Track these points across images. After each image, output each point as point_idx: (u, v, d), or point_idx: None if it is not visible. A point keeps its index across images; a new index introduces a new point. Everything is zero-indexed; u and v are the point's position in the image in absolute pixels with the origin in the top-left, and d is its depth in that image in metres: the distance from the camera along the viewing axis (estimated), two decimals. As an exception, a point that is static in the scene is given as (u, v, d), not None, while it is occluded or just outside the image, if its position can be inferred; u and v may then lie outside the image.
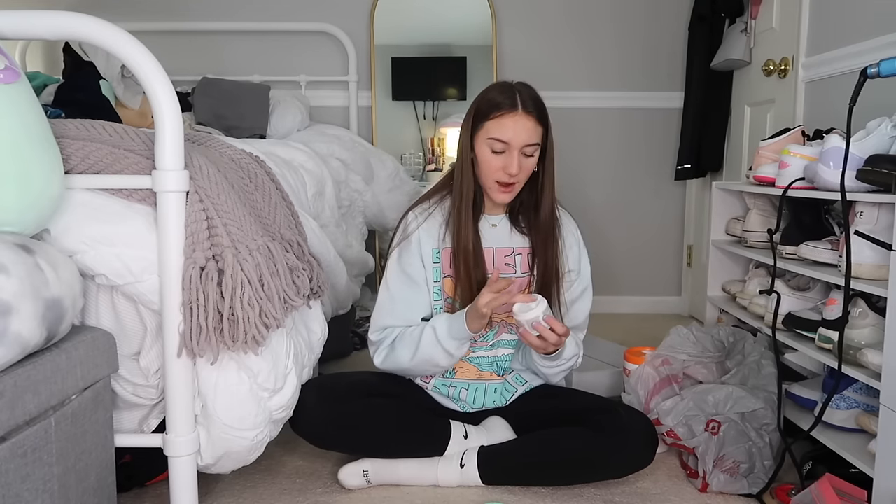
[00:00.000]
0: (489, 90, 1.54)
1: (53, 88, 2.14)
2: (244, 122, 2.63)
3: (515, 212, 1.62)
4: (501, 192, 1.53)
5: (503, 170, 1.49)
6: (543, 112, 1.52)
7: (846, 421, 1.46)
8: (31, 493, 0.97)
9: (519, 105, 1.48)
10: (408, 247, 1.60)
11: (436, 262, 1.59)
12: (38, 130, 1.05)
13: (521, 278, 1.60)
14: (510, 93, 1.50)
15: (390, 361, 1.57)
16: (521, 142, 1.48)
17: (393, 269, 1.61)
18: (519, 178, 1.52)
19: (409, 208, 1.66)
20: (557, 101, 3.02)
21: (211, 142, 1.43)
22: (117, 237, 1.14)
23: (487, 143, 1.50)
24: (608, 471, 1.51)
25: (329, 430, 1.51)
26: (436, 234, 1.59)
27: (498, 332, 1.62)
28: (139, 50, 1.11)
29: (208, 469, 1.29)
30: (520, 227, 1.62)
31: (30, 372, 0.96)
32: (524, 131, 1.48)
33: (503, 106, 1.48)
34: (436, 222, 1.60)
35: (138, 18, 2.98)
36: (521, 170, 1.50)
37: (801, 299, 1.67)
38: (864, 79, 1.33)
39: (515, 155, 1.48)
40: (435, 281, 1.59)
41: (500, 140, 1.48)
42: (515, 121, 1.47)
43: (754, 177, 1.83)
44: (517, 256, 1.61)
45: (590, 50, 3.10)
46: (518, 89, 1.51)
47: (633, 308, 3.23)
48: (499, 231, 1.61)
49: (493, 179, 1.52)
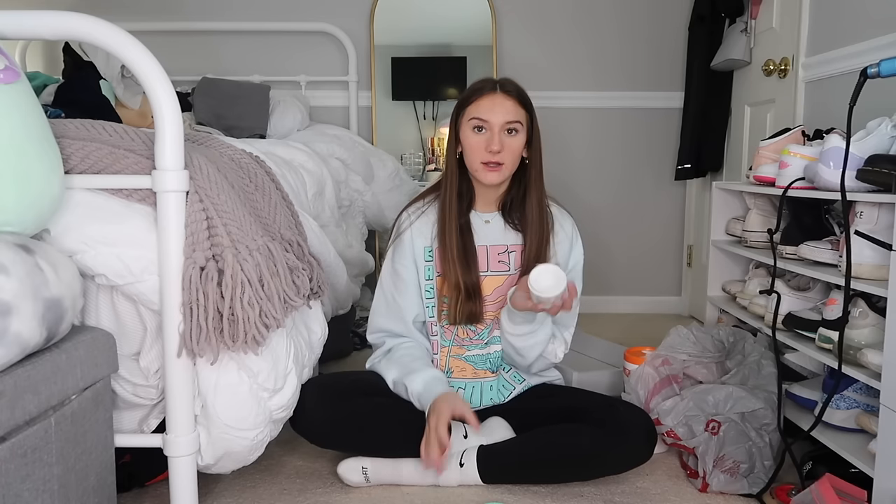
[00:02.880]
0: (473, 83, 1.60)
1: (53, 88, 2.14)
2: (244, 122, 2.63)
3: (508, 208, 1.63)
4: (488, 171, 1.55)
5: (486, 148, 1.52)
6: (524, 96, 1.57)
7: (846, 421, 1.46)
8: (31, 493, 0.97)
9: (497, 87, 1.54)
10: (400, 246, 1.62)
11: (428, 260, 1.60)
12: (38, 130, 1.05)
13: (514, 275, 1.61)
14: (490, 79, 1.57)
15: (379, 370, 1.61)
16: (500, 119, 1.52)
17: (386, 269, 1.64)
18: (504, 159, 1.53)
19: (404, 208, 1.67)
20: (557, 101, 3.05)
21: (211, 142, 1.43)
22: (117, 237, 1.14)
23: (469, 124, 1.54)
24: (607, 466, 1.51)
25: (329, 430, 1.51)
26: (428, 232, 1.60)
27: (492, 329, 1.62)
28: (139, 50, 1.11)
29: (208, 469, 1.29)
30: (513, 224, 1.63)
31: (30, 372, 0.96)
32: (502, 109, 1.52)
33: (483, 89, 1.55)
34: (428, 220, 1.61)
35: (138, 18, 2.98)
36: (505, 148, 1.52)
37: (801, 299, 1.67)
38: (864, 79, 1.33)
39: (496, 132, 1.52)
40: (427, 279, 1.60)
41: (480, 118, 1.53)
42: (493, 100, 1.53)
43: (754, 177, 1.83)
44: (511, 254, 1.61)
45: (590, 50, 3.10)
46: (499, 78, 1.57)
47: (633, 308, 3.23)
48: (492, 228, 1.62)
49: (478, 161, 1.54)
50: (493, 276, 1.61)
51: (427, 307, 1.61)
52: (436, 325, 1.62)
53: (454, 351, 1.64)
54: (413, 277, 1.60)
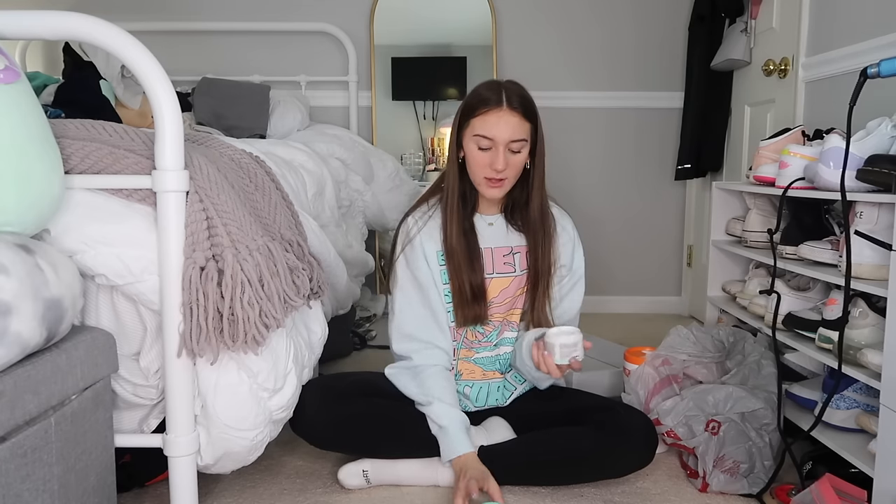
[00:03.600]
0: (477, 87, 1.55)
1: (53, 88, 2.14)
2: (244, 122, 2.63)
3: (510, 210, 1.63)
4: (490, 186, 1.54)
5: (490, 166, 1.50)
6: (530, 108, 1.52)
7: (846, 421, 1.46)
8: (31, 493, 0.97)
9: (504, 101, 1.48)
10: (412, 251, 1.60)
11: (441, 264, 1.59)
12: (38, 130, 1.05)
13: (520, 276, 1.60)
14: (496, 90, 1.50)
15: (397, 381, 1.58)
16: (505, 138, 1.48)
17: (404, 275, 1.60)
18: (507, 174, 1.52)
19: (406, 213, 1.66)
20: (557, 101, 3.05)
21: (211, 142, 1.43)
22: (117, 237, 1.14)
23: (474, 139, 1.51)
24: (608, 470, 1.51)
25: (329, 431, 1.51)
26: (437, 235, 1.59)
27: (501, 330, 1.62)
28: (139, 50, 1.11)
29: (208, 469, 1.29)
30: (516, 226, 1.62)
31: (30, 372, 0.96)
32: (508, 128, 1.48)
33: (489, 102, 1.49)
34: (436, 224, 1.60)
35: (138, 18, 2.98)
36: (509, 165, 1.51)
37: (801, 299, 1.67)
38: (864, 79, 1.33)
39: (501, 151, 1.48)
40: (444, 283, 1.59)
41: (486, 136, 1.49)
42: (500, 117, 1.48)
43: (754, 177, 1.83)
44: (516, 255, 1.61)
45: (590, 50, 3.10)
46: (505, 87, 1.51)
47: (633, 308, 3.23)
48: (495, 230, 1.62)
49: (481, 175, 1.53)
50: (499, 277, 1.60)
51: (448, 311, 1.60)
52: (454, 330, 1.62)
53: (462, 353, 1.63)
54: (430, 279, 1.59)
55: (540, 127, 1.55)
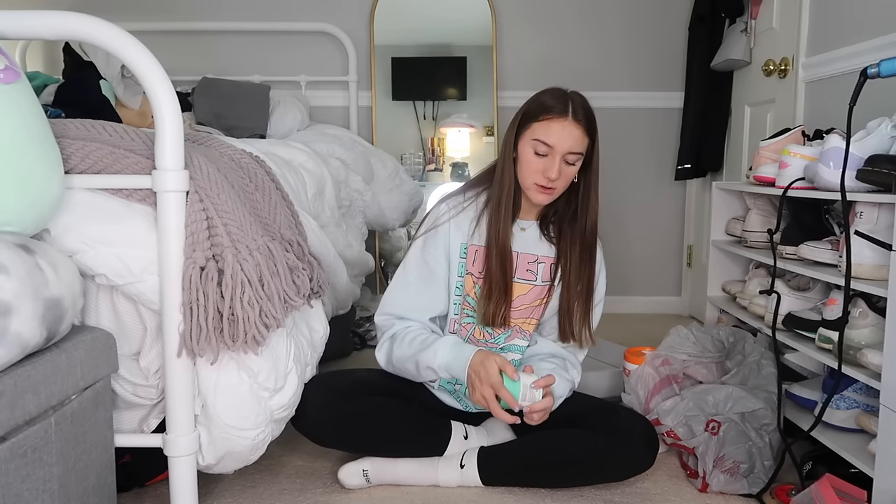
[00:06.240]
0: (542, 93, 1.52)
1: (53, 88, 2.14)
2: (244, 122, 2.63)
3: (547, 219, 1.61)
4: (539, 192, 1.51)
5: (543, 173, 1.48)
6: (593, 123, 1.50)
7: (846, 421, 1.46)
8: (31, 493, 0.97)
9: (570, 112, 1.46)
10: (434, 237, 1.58)
11: (462, 257, 1.57)
12: (38, 130, 1.05)
13: (539, 287, 1.59)
14: (563, 98, 1.49)
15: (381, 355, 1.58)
16: (565, 148, 1.46)
17: (415, 256, 1.59)
18: (558, 185, 1.50)
19: (442, 199, 1.63)
20: (557, 101, 3.04)
21: (211, 142, 1.43)
22: (117, 237, 1.14)
23: (532, 143, 1.49)
24: (608, 474, 1.51)
25: (330, 428, 1.51)
26: (466, 228, 1.57)
27: (511, 336, 1.60)
28: (139, 50, 1.11)
29: (211, 469, 1.29)
30: (549, 236, 1.60)
31: (30, 372, 0.96)
32: (570, 138, 1.46)
33: (554, 110, 1.47)
34: (467, 217, 1.58)
35: (138, 18, 2.98)
36: (561, 176, 1.49)
37: (801, 299, 1.67)
38: (864, 79, 1.33)
39: (557, 160, 1.47)
40: (459, 276, 1.58)
41: (545, 143, 1.47)
42: (563, 126, 1.46)
43: (754, 177, 1.83)
44: (540, 265, 1.59)
45: (590, 50, 3.10)
46: (571, 97, 1.49)
47: (633, 308, 3.23)
48: (527, 236, 1.59)
49: (532, 181, 1.51)
50: (518, 283, 1.58)
51: (454, 304, 1.59)
52: (457, 323, 1.61)
53: None
54: (443, 271, 1.57)
55: (597, 144, 1.53)
